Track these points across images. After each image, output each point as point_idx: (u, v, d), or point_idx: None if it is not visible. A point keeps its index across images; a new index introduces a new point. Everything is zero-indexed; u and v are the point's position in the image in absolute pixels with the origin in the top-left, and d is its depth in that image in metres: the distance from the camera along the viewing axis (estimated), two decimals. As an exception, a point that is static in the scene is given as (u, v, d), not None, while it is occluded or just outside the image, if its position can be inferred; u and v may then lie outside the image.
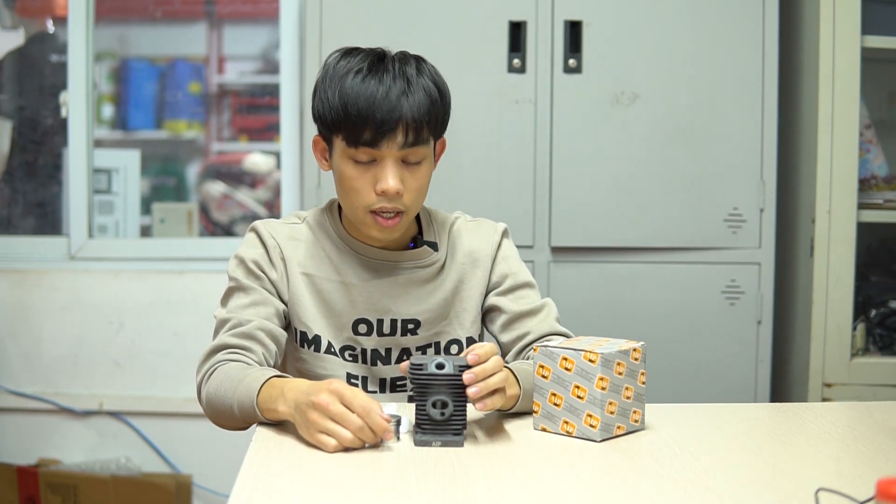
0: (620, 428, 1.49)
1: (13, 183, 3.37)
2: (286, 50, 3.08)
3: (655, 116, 2.58)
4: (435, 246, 1.75)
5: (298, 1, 3.01)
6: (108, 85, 4.16)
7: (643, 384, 1.52)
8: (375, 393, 1.74)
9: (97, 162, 3.28)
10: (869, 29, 2.52)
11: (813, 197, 2.54)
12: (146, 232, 3.60)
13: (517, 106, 2.56)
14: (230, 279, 1.71)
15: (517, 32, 2.55)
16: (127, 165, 3.63)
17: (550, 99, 2.56)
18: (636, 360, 1.51)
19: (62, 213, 3.35)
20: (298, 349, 1.73)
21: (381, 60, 1.63)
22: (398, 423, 1.44)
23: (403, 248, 1.74)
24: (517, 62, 2.55)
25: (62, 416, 3.01)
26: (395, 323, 1.72)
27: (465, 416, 1.43)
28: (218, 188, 4.10)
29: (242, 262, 1.70)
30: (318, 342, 1.71)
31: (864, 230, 2.58)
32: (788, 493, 1.25)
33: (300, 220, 1.77)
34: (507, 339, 1.76)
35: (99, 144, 3.61)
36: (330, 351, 1.71)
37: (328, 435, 1.37)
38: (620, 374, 1.48)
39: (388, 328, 1.72)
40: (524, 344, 1.73)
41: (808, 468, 1.38)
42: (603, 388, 1.45)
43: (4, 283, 3.01)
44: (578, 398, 1.47)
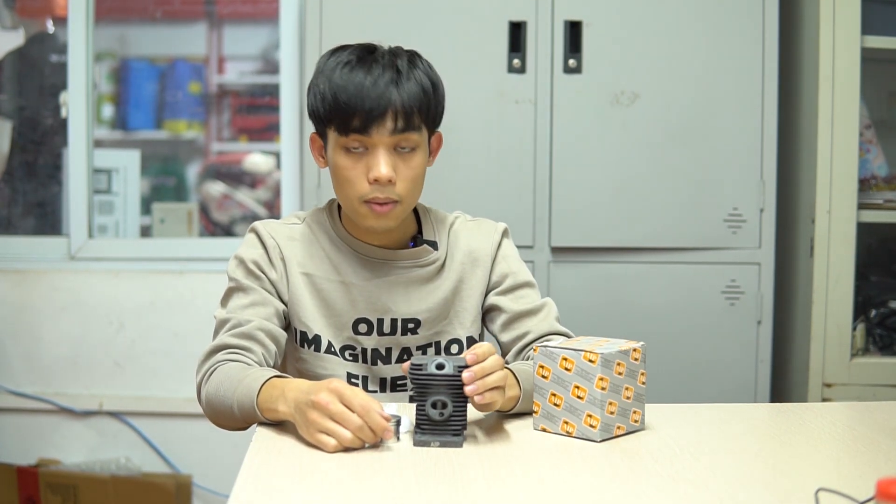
0: (620, 428, 1.49)
1: (13, 183, 3.37)
2: (286, 50, 3.08)
3: (655, 116, 2.58)
4: (434, 245, 1.75)
5: (298, 1, 3.00)
6: (108, 85, 4.16)
7: (643, 384, 1.52)
8: (376, 392, 1.74)
9: (97, 162, 3.28)
10: (869, 29, 2.52)
11: (813, 197, 2.54)
12: (146, 232, 3.60)
13: (517, 106, 2.56)
14: (230, 279, 1.71)
15: (517, 32, 2.55)
16: (127, 165, 3.63)
17: (550, 99, 2.56)
18: (636, 360, 1.51)
19: (62, 213, 3.35)
20: (298, 349, 1.73)
21: (370, 53, 1.65)
22: (398, 423, 1.44)
23: (403, 247, 1.74)
24: (517, 62, 2.55)
25: (62, 416, 3.01)
26: (395, 322, 1.72)
27: (464, 417, 1.43)
28: (218, 188, 4.10)
29: (242, 262, 1.70)
30: (318, 342, 1.71)
31: (864, 230, 2.58)
32: (788, 493, 1.25)
33: (300, 220, 1.77)
34: (507, 338, 1.76)
35: (99, 144, 3.61)
36: (330, 351, 1.71)
37: (328, 434, 1.37)
38: (620, 374, 1.48)
39: (388, 327, 1.72)
40: (524, 343, 1.73)
41: (808, 468, 1.38)
42: (603, 388, 1.45)
43: (4, 283, 3.01)
44: (578, 398, 1.47)
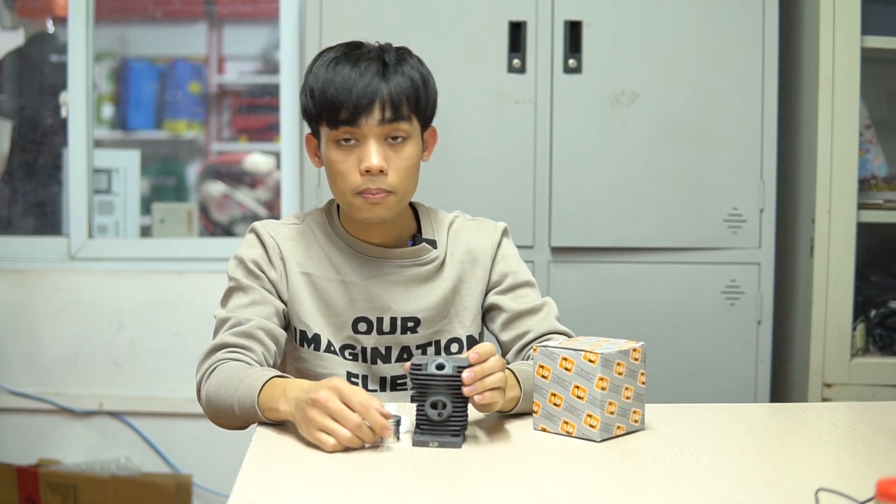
0: (620, 428, 1.49)
1: (13, 183, 3.37)
2: (286, 50, 3.08)
3: (655, 116, 2.58)
4: (434, 244, 1.75)
5: (298, 1, 3.00)
6: (108, 85, 4.16)
7: (643, 384, 1.52)
8: (376, 391, 1.74)
9: (97, 162, 3.28)
10: (869, 29, 2.52)
11: (813, 197, 2.54)
12: (146, 232, 3.60)
13: (517, 106, 2.56)
14: (230, 279, 1.71)
15: (517, 32, 2.55)
16: (127, 165, 3.64)
17: (550, 99, 2.56)
18: (636, 360, 1.51)
19: (62, 213, 3.35)
20: (298, 348, 1.73)
21: (357, 48, 1.67)
22: (398, 422, 1.43)
23: (402, 246, 1.74)
24: (517, 62, 2.55)
25: (62, 416, 3.01)
26: (394, 321, 1.72)
27: (464, 417, 1.42)
28: (218, 188, 4.10)
29: (242, 262, 1.71)
30: (317, 341, 1.71)
31: (864, 230, 2.58)
32: (788, 493, 1.25)
33: (299, 220, 1.77)
34: (507, 337, 1.76)
35: (99, 144, 3.62)
36: (330, 350, 1.71)
37: (327, 433, 1.37)
38: (620, 374, 1.48)
39: (387, 326, 1.72)
40: (524, 343, 1.73)
41: (808, 468, 1.38)
42: (603, 388, 1.45)
43: (4, 283, 3.01)
44: (578, 398, 1.46)
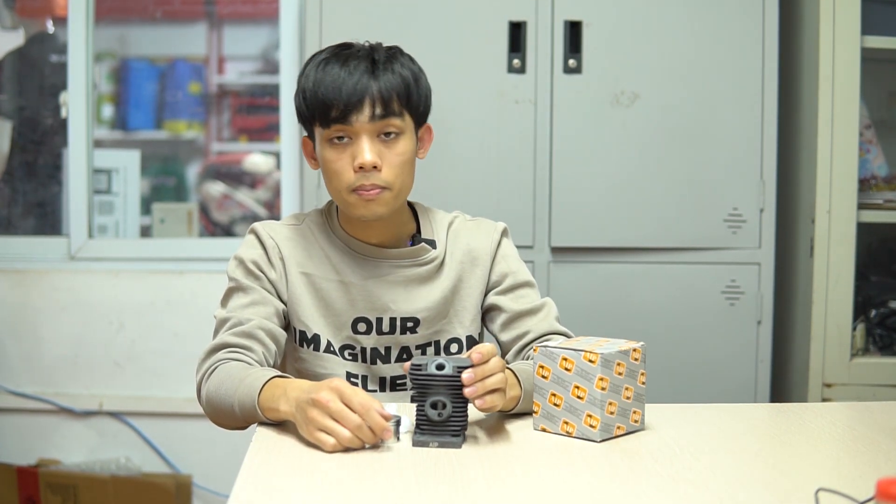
0: (620, 428, 1.49)
1: (13, 183, 3.37)
2: (286, 50, 3.08)
3: (655, 116, 2.58)
4: (433, 244, 1.75)
5: (298, 1, 3.00)
6: (108, 85, 4.16)
7: (643, 384, 1.52)
8: (376, 392, 1.74)
9: (97, 162, 3.28)
10: (869, 29, 2.52)
11: (813, 197, 2.54)
12: (146, 232, 3.60)
13: (517, 106, 2.56)
14: (230, 279, 1.71)
15: (517, 32, 2.55)
16: (127, 165, 3.64)
17: (550, 99, 2.56)
18: (636, 360, 1.51)
19: (62, 213, 3.35)
20: (298, 349, 1.73)
21: (346, 49, 1.68)
22: (398, 423, 1.43)
23: (401, 246, 1.75)
24: (517, 62, 2.55)
25: (62, 416, 3.01)
26: (394, 321, 1.72)
27: (464, 417, 1.42)
28: (218, 188, 4.10)
29: (242, 262, 1.71)
30: (317, 341, 1.71)
31: (864, 230, 2.58)
32: (788, 493, 1.25)
33: (299, 221, 1.78)
34: (506, 338, 1.76)
35: (99, 144, 3.61)
36: (329, 350, 1.72)
37: (327, 433, 1.37)
38: (620, 374, 1.48)
39: (387, 326, 1.72)
40: (524, 343, 1.73)
41: (808, 468, 1.37)
42: (603, 388, 1.45)
43: (4, 283, 3.01)
44: (578, 398, 1.47)
